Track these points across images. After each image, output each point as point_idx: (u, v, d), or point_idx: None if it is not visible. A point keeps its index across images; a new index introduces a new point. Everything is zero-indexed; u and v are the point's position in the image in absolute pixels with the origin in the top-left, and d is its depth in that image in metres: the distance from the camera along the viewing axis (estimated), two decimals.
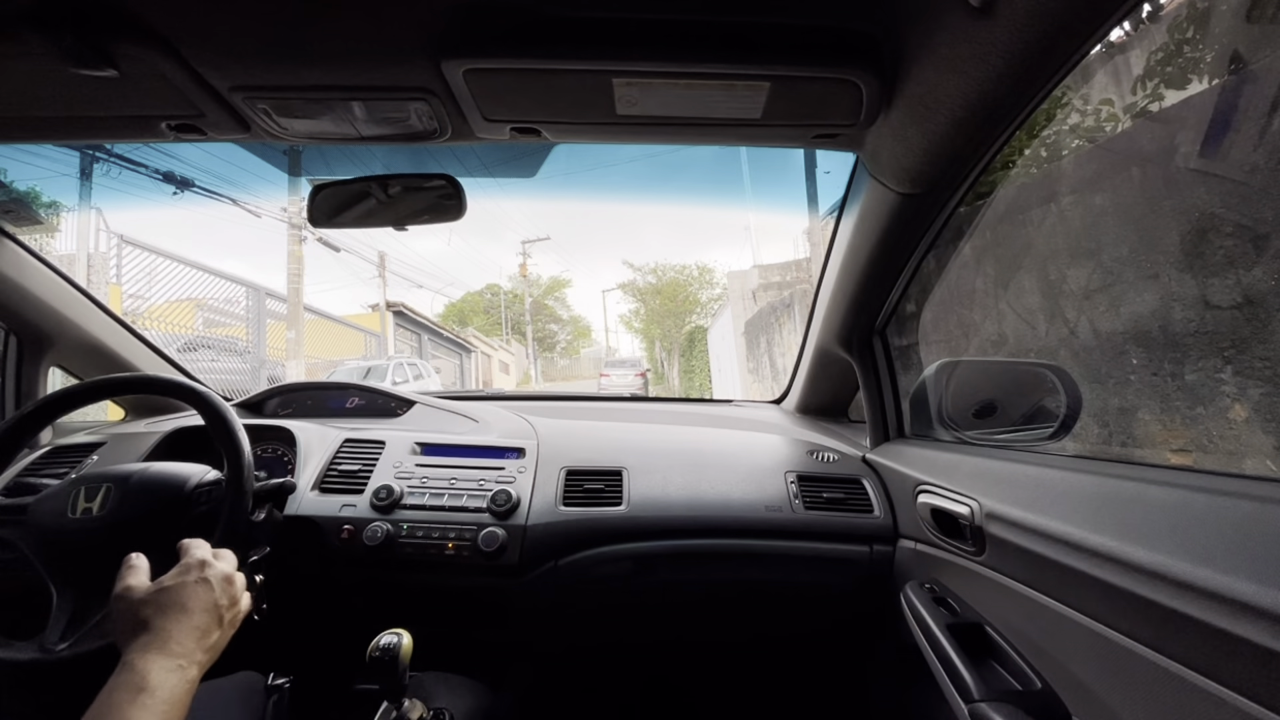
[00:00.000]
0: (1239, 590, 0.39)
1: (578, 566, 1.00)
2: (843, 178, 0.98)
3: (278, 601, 0.90)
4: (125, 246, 6.03)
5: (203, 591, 0.60)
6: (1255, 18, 1.23)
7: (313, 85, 0.68)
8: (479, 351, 17.88)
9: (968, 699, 0.61)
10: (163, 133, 0.77)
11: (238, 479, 0.82)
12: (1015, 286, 1.89)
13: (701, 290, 22.44)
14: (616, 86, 0.67)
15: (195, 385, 0.89)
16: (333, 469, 1.08)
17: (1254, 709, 0.38)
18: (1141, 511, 0.52)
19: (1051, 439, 0.87)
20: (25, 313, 1.18)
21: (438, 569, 0.98)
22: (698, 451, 1.19)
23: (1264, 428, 1.14)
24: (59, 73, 0.64)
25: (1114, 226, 1.56)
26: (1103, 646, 0.51)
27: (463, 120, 0.75)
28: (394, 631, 0.76)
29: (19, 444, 0.83)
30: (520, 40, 0.62)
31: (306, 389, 1.46)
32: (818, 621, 1.16)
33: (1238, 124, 1.18)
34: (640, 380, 15.22)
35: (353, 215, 0.99)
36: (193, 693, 0.53)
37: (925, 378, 1.08)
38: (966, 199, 0.81)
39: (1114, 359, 1.53)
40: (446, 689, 0.91)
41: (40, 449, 1.12)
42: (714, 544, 1.01)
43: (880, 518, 1.02)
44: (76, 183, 6.64)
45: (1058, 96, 1.38)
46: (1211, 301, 1.26)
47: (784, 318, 8.44)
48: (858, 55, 0.62)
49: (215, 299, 6.82)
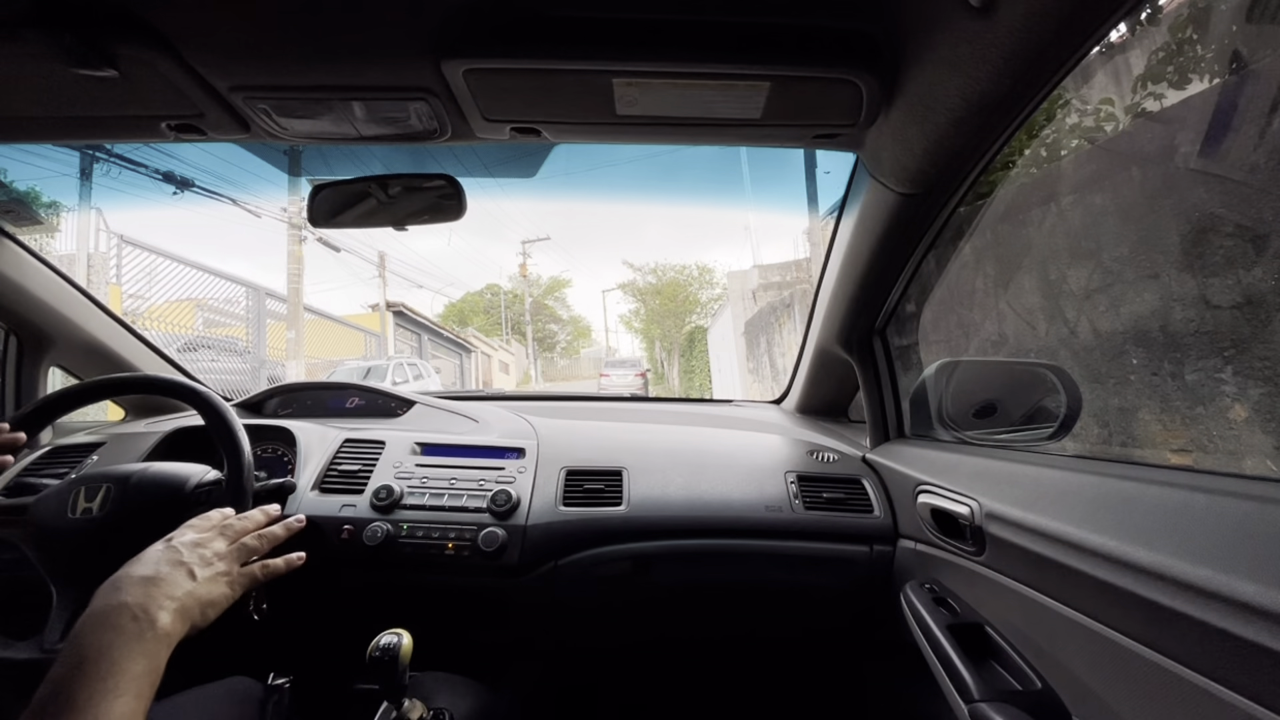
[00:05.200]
0: (1239, 590, 0.39)
1: (578, 566, 1.00)
2: (843, 178, 0.98)
3: (278, 601, 0.90)
4: (125, 246, 6.03)
5: (166, 552, 0.60)
6: (1255, 18, 1.23)
7: (313, 85, 0.68)
8: (479, 351, 17.88)
9: (968, 699, 0.61)
10: (163, 133, 0.77)
11: (238, 479, 0.82)
12: (1015, 286, 1.89)
13: (701, 290, 22.49)
14: (616, 86, 0.67)
15: (195, 385, 0.89)
16: (333, 469, 1.08)
17: (1254, 709, 0.38)
18: (1141, 511, 0.52)
19: (1051, 439, 0.87)
20: (25, 313, 1.18)
21: (438, 569, 0.98)
22: (698, 451, 1.19)
23: (1264, 428, 1.14)
24: (59, 73, 0.64)
25: (1114, 226, 1.56)
26: (1103, 646, 0.51)
27: (463, 120, 0.75)
28: (394, 631, 0.76)
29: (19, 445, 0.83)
30: (520, 40, 0.62)
31: (306, 389, 1.46)
32: (817, 621, 1.16)
33: (1238, 124, 1.18)
34: (640, 380, 15.23)
35: (353, 215, 0.99)
36: (147, 636, 0.51)
37: (925, 378, 1.08)
38: (966, 199, 0.81)
39: (1114, 359, 1.53)
40: (446, 689, 0.91)
41: (40, 449, 1.12)
42: (714, 544, 1.01)
43: (880, 518, 1.02)
44: (76, 183, 6.65)
45: (1058, 96, 1.38)
46: (1211, 301, 1.26)
47: (784, 318, 8.44)
48: (858, 55, 0.62)
49: (215, 299, 6.83)
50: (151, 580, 0.55)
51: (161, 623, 0.52)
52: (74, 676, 0.46)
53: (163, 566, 0.57)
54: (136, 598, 0.52)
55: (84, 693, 0.45)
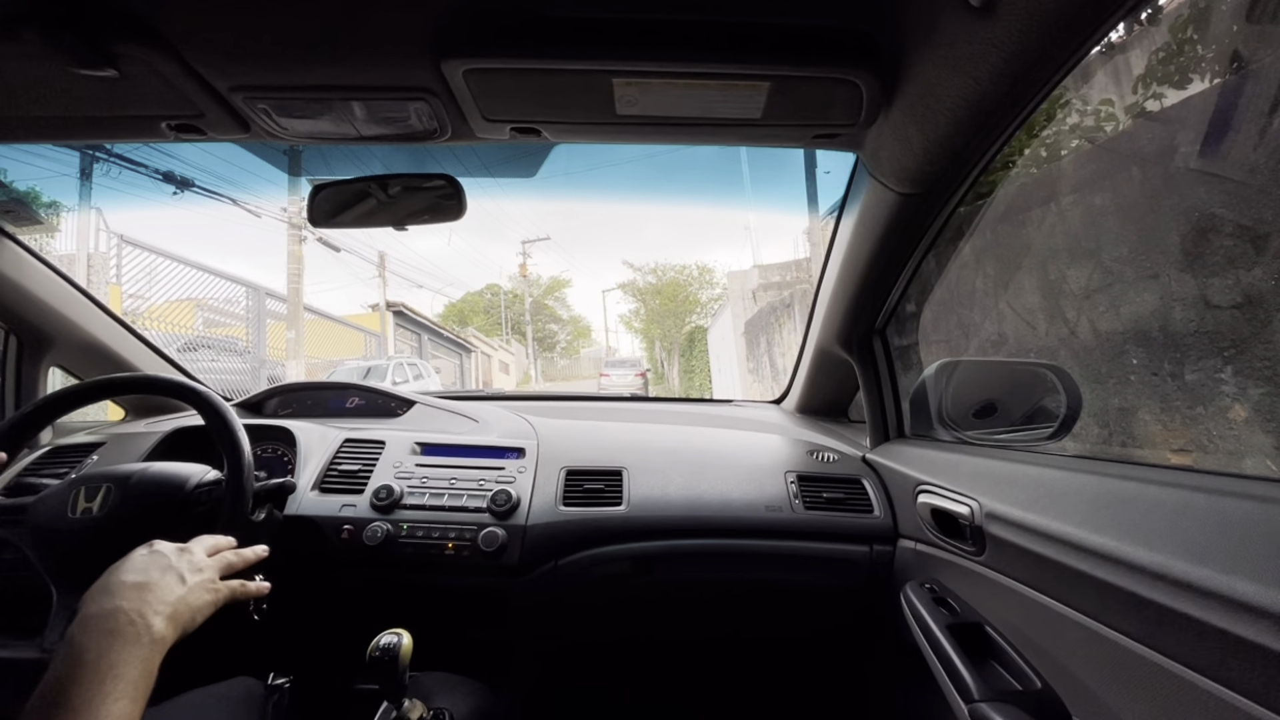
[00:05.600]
0: (1239, 590, 0.39)
1: (578, 566, 1.00)
2: (843, 178, 0.98)
3: (278, 601, 0.90)
4: (125, 246, 6.03)
5: (153, 557, 0.60)
6: (1255, 18, 1.23)
7: (313, 85, 0.68)
8: (479, 351, 17.88)
9: (968, 699, 0.61)
10: (163, 133, 0.77)
11: (238, 479, 0.82)
12: (1015, 286, 1.89)
13: (701, 290, 22.49)
14: (616, 86, 0.67)
15: (195, 385, 0.89)
16: (333, 469, 1.08)
17: (1254, 709, 0.38)
18: (1141, 511, 0.52)
19: (1051, 439, 0.87)
20: (25, 313, 1.18)
21: (438, 569, 0.98)
22: (698, 451, 1.19)
23: (1264, 428, 1.14)
24: (59, 73, 0.64)
25: (1114, 226, 1.56)
26: (1103, 646, 0.51)
27: (463, 120, 0.75)
28: (394, 631, 0.76)
29: (19, 443, 0.83)
30: (520, 40, 0.62)
31: (306, 389, 1.46)
32: (818, 621, 1.16)
33: (1238, 124, 1.18)
34: (640, 380, 15.22)
35: (353, 215, 0.99)
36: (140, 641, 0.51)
37: (925, 378, 1.08)
38: (966, 199, 0.81)
39: (1114, 359, 1.53)
40: (446, 689, 0.91)
41: (40, 449, 1.12)
42: (714, 544, 1.01)
43: (880, 518, 1.02)
44: (76, 183, 6.65)
45: (1058, 96, 1.38)
46: (1211, 301, 1.26)
47: (784, 318, 8.44)
48: (858, 55, 0.62)
49: (215, 299, 6.83)
50: (145, 586, 0.55)
51: (157, 628, 0.52)
52: (71, 679, 0.46)
53: (153, 573, 0.57)
54: (132, 603, 0.53)
55: (81, 696, 0.45)
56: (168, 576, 0.58)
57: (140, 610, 0.53)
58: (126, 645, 0.49)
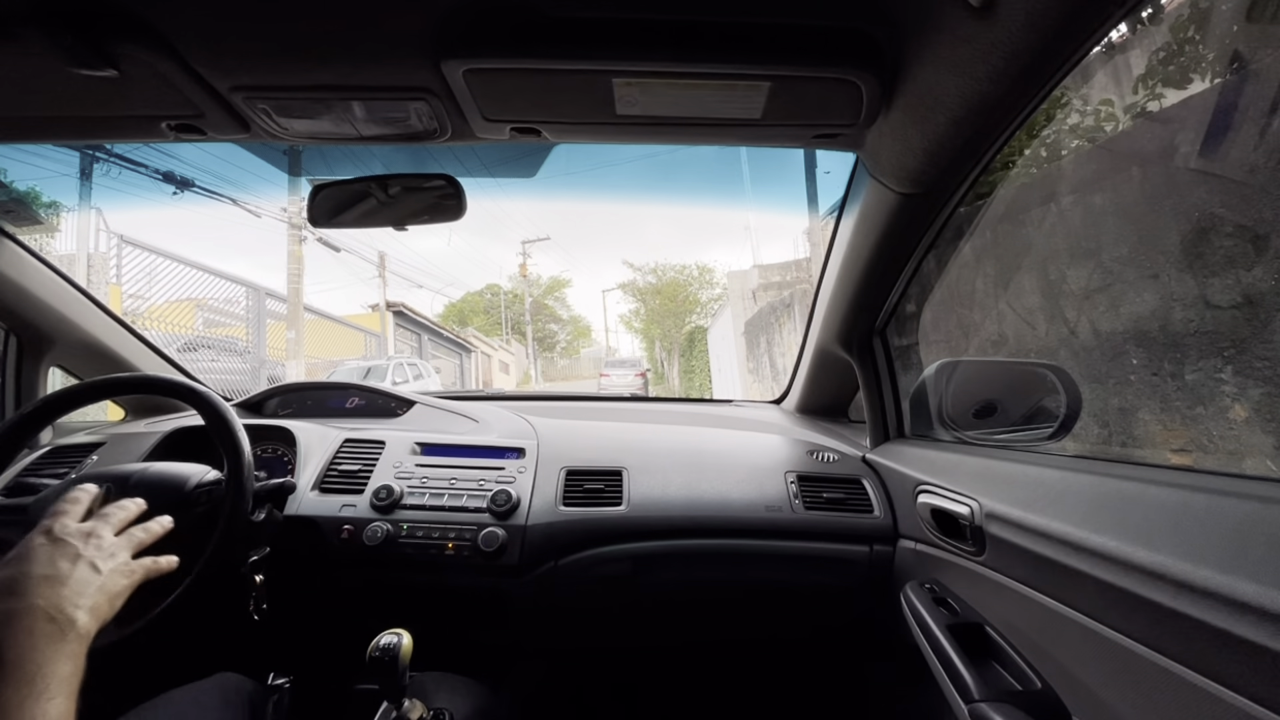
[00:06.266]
0: (1239, 590, 0.39)
1: (578, 566, 1.00)
2: (843, 178, 0.98)
3: (278, 601, 0.90)
4: (125, 246, 6.03)
5: (55, 546, 0.56)
6: (1255, 18, 1.23)
7: (313, 85, 0.68)
8: (479, 351, 17.88)
9: (968, 699, 0.61)
10: (163, 133, 0.77)
11: (238, 479, 0.82)
12: (1015, 286, 1.89)
13: (701, 290, 22.48)
14: (616, 86, 0.67)
15: (195, 385, 0.89)
16: (333, 469, 1.08)
17: (1254, 709, 0.38)
18: (1141, 511, 0.52)
19: (1051, 439, 0.87)
20: (25, 313, 1.18)
21: (438, 569, 0.98)
22: (697, 451, 1.19)
23: (1264, 428, 1.14)
24: (59, 73, 0.64)
25: (1114, 226, 1.56)
26: (1103, 646, 0.51)
27: (463, 120, 0.75)
28: (394, 631, 0.76)
29: (19, 444, 0.83)
30: (520, 40, 0.62)
31: (306, 389, 1.46)
32: (818, 622, 1.16)
33: (1238, 124, 1.18)
34: (640, 380, 15.23)
35: (353, 215, 0.99)
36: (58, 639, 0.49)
37: (925, 378, 1.08)
38: (966, 199, 0.81)
39: (1114, 359, 1.53)
40: (446, 689, 0.91)
41: (40, 449, 1.12)
42: (714, 544, 1.01)
43: (880, 518, 1.02)
44: (76, 183, 6.65)
45: (1058, 96, 1.38)
46: (1211, 301, 1.26)
47: (784, 318, 8.44)
48: (858, 55, 0.62)
49: (215, 299, 6.83)
50: (57, 580, 0.53)
51: (81, 623, 0.51)
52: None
53: (62, 564, 0.55)
54: (48, 600, 0.51)
55: (13, 698, 0.44)
56: (79, 567, 0.55)
57: (58, 606, 0.51)
58: (51, 644, 0.48)
